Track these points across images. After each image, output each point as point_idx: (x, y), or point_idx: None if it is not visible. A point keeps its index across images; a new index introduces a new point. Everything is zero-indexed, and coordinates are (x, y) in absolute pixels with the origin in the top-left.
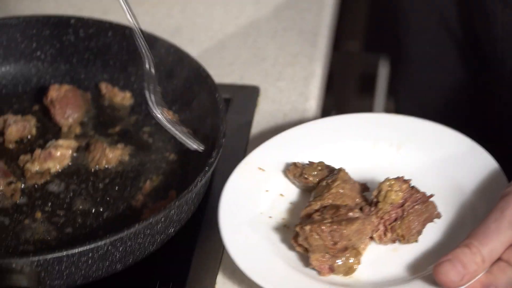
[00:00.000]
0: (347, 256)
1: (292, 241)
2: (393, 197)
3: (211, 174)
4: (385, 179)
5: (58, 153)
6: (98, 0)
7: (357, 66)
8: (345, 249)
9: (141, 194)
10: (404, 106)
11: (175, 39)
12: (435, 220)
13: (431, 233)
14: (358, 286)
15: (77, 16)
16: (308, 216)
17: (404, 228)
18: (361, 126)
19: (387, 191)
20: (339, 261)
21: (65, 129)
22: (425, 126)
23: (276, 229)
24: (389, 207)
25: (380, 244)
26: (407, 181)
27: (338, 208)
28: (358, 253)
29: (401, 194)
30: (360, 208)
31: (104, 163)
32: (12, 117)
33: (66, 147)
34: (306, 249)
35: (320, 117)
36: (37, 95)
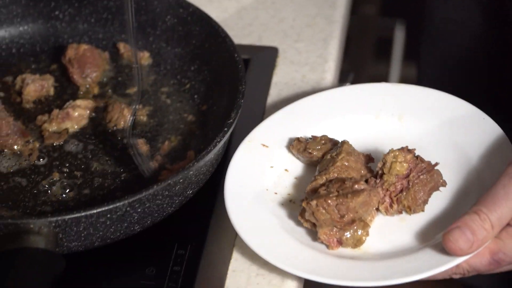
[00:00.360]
0: (354, 228)
1: (299, 217)
2: (398, 168)
3: (229, 135)
4: (389, 150)
5: (76, 113)
6: None
7: (373, 30)
8: (352, 221)
9: (159, 155)
10: (426, 71)
11: None
12: (440, 188)
13: (438, 202)
14: (367, 257)
15: None
16: (314, 191)
17: (410, 199)
18: (362, 97)
19: (392, 162)
20: (347, 234)
21: (83, 88)
22: (428, 94)
23: (282, 205)
24: (395, 179)
25: (387, 216)
26: (411, 151)
27: (343, 181)
28: (365, 225)
29: (406, 165)
30: (366, 180)
31: (122, 123)
32: (30, 76)
33: (84, 107)
34: (314, 224)
35: (337, 80)
36: (55, 55)
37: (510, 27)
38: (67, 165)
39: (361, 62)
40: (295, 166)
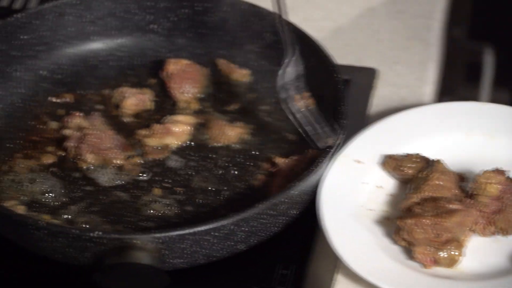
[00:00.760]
0: (449, 248)
1: (394, 235)
2: (491, 190)
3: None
4: (482, 171)
5: (177, 129)
6: None
7: (462, 53)
8: (447, 241)
9: (262, 174)
10: None
11: (289, 17)
12: None
13: None
14: (462, 277)
15: None
16: (408, 210)
17: (504, 222)
18: (453, 115)
19: (485, 183)
20: (442, 253)
21: (181, 104)
22: None
23: (377, 222)
24: (488, 200)
25: (480, 237)
26: (503, 172)
27: (437, 200)
28: (460, 245)
29: (499, 187)
30: (459, 200)
31: (223, 140)
32: (128, 89)
33: (186, 123)
34: (409, 243)
35: (436, 102)
36: (152, 69)
37: None
38: (169, 181)
39: (451, 85)
40: (388, 183)
